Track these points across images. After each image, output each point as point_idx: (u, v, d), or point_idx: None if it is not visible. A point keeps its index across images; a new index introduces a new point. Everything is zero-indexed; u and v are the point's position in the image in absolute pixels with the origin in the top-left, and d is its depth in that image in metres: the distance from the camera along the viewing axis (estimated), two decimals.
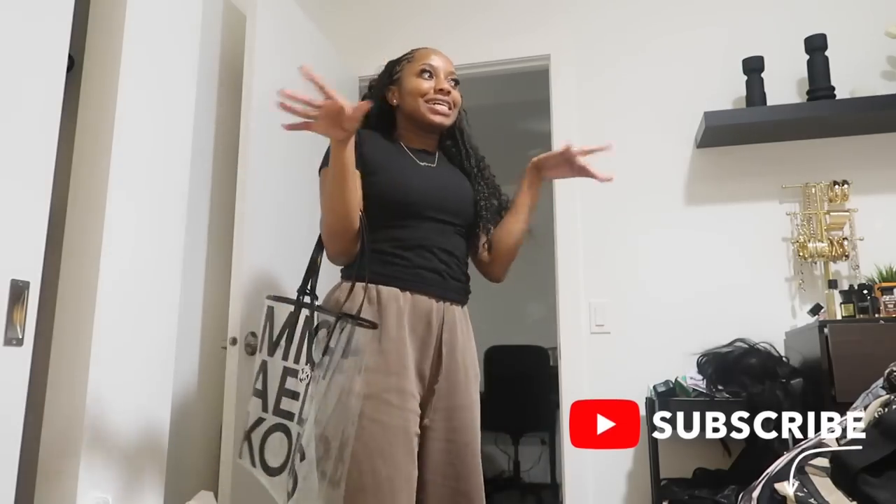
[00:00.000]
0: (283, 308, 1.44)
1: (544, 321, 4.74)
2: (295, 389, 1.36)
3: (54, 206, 1.37)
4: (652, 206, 2.48)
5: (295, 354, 1.39)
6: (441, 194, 1.55)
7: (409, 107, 1.59)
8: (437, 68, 1.60)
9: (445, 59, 1.64)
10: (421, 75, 1.59)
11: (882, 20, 2.37)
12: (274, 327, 1.43)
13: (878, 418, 1.04)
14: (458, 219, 1.57)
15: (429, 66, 1.60)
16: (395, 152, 1.58)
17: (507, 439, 4.50)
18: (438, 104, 1.58)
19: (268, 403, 1.39)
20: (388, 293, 1.44)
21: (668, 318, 2.38)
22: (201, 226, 2.02)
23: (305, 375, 1.36)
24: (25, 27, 1.28)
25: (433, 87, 1.58)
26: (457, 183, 1.63)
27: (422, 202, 1.51)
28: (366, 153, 1.50)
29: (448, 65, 1.63)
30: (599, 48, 2.64)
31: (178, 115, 1.75)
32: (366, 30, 2.86)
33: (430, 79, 1.59)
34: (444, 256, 1.51)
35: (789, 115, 2.25)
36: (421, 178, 1.55)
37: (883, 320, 1.92)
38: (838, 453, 1.01)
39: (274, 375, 1.39)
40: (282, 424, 1.36)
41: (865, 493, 0.93)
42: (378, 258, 1.46)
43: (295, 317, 1.41)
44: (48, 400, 1.43)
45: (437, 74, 1.59)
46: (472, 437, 1.50)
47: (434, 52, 1.64)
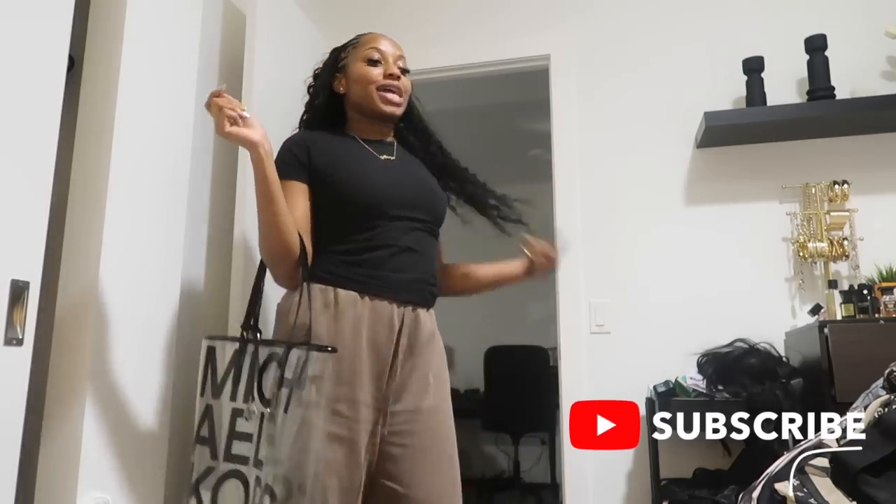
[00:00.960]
0: (227, 346, 1.35)
1: (544, 321, 4.74)
2: (247, 431, 1.26)
3: (54, 206, 1.37)
4: (652, 205, 2.48)
5: (244, 393, 1.29)
6: (406, 192, 1.46)
7: (357, 95, 1.51)
8: (386, 53, 1.52)
9: (394, 44, 1.55)
10: (368, 61, 1.51)
11: (882, 20, 2.37)
12: (217, 368, 1.34)
13: (878, 418, 1.04)
14: (426, 215, 1.48)
15: (376, 50, 1.51)
16: (351, 148, 1.49)
17: (507, 439, 4.51)
18: (389, 92, 1.49)
19: (217, 450, 1.30)
20: (345, 297, 1.36)
21: (668, 318, 2.38)
22: (201, 226, 2.02)
23: (257, 414, 1.25)
24: (25, 27, 1.28)
25: (382, 72, 1.50)
26: (422, 177, 1.55)
27: (386, 201, 1.42)
28: (315, 158, 1.44)
29: (397, 49, 1.54)
30: (599, 48, 2.64)
31: (178, 114, 1.75)
32: (365, 30, 2.85)
33: (377, 65, 1.50)
34: (408, 258, 1.42)
35: (789, 115, 2.25)
36: (383, 174, 1.47)
37: (883, 320, 1.92)
38: (838, 453, 1.01)
39: (221, 419, 1.30)
40: (235, 471, 1.26)
41: (865, 493, 0.93)
42: (337, 259, 1.39)
43: (240, 354, 1.32)
44: (48, 400, 1.43)
45: (386, 60, 1.51)
46: (430, 442, 1.40)
47: (382, 37, 1.55)
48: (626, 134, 2.54)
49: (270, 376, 1.27)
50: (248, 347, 1.32)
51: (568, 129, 2.59)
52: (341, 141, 1.51)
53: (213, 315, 2.04)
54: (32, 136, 1.29)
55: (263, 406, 1.26)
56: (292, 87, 2.21)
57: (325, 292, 1.37)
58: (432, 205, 1.51)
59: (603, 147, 2.55)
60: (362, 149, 1.50)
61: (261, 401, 1.26)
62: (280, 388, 1.23)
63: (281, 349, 1.27)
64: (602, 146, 2.55)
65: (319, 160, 1.44)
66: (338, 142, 1.50)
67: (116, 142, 1.52)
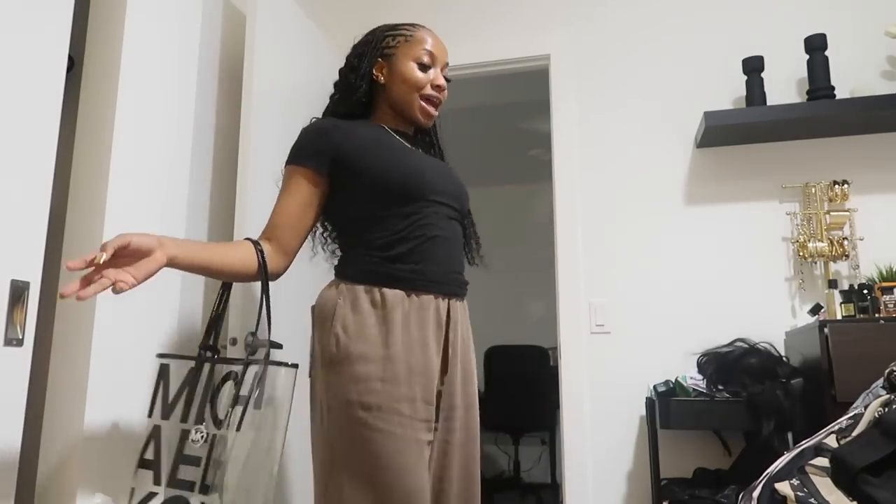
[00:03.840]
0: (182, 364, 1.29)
1: (544, 321, 4.75)
2: (195, 455, 1.20)
3: (54, 206, 1.37)
4: (652, 205, 2.48)
5: (196, 414, 1.22)
6: (439, 178, 1.42)
7: (397, 94, 1.44)
8: (437, 58, 1.45)
9: (443, 46, 1.48)
10: (419, 64, 1.43)
11: (882, 20, 2.37)
12: (169, 386, 1.28)
13: (878, 418, 1.04)
14: (457, 203, 1.45)
15: (429, 53, 1.44)
16: (382, 135, 1.43)
17: (508, 439, 4.51)
18: (430, 104, 1.45)
19: (160, 474, 1.23)
20: (392, 297, 1.31)
21: (669, 317, 2.39)
22: (201, 226, 2.02)
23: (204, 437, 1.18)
24: (25, 27, 1.28)
25: (430, 80, 1.43)
26: (448, 168, 1.51)
27: (427, 184, 1.37)
28: (345, 145, 1.36)
29: (445, 53, 1.47)
30: (599, 48, 2.64)
31: (178, 114, 1.75)
32: (366, 29, 2.86)
33: (427, 69, 1.44)
34: (444, 248, 1.39)
35: (789, 114, 2.25)
36: (419, 160, 1.42)
37: (883, 320, 1.92)
38: (838, 453, 1.01)
39: (169, 441, 1.23)
40: (179, 497, 1.19)
41: (865, 492, 0.93)
42: (378, 256, 1.34)
43: (196, 372, 1.26)
44: (48, 400, 1.43)
45: (436, 66, 1.45)
46: (465, 438, 1.39)
47: (435, 37, 1.48)
48: (625, 134, 2.54)
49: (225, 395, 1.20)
50: (205, 366, 1.25)
51: (568, 129, 2.59)
52: (371, 129, 1.44)
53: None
54: (32, 135, 1.29)
55: (216, 427, 1.18)
56: (292, 86, 2.21)
57: (370, 292, 1.32)
58: (462, 195, 1.48)
59: (603, 147, 2.55)
60: (391, 136, 1.44)
61: (213, 422, 1.19)
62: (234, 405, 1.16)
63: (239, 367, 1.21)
64: (602, 146, 2.55)
65: (351, 147, 1.37)
66: (364, 129, 1.42)
67: (116, 142, 1.52)
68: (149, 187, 1.63)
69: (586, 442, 2.36)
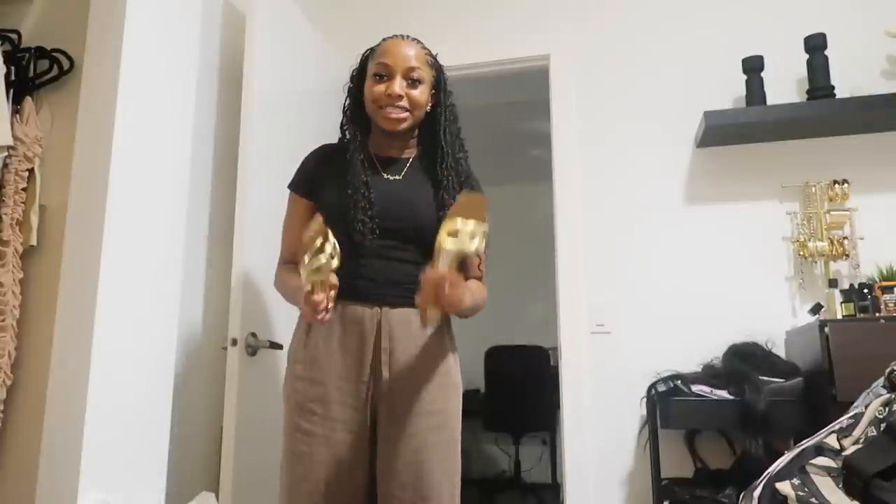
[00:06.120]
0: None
1: (544, 321, 4.74)
2: None
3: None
4: (652, 205, 2.48)
5: None
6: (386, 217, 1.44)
7: (368, 110, 1.51)
8: (392, 66, 1.45)
9: (404, 53, 1.46)
10: (375, 77, 1.47)
11: (882, 20, 2.37)
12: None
13: (888, 423, 1.04)
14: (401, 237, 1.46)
15: (382, 65, 1.46)
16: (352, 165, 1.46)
17: (508, 439, 4.51)
18: (390, 109, 1.45)
19: None
20: None
21: (669, 317, 2.38)
22: (201, 226, 2.02)
23: None
24: None
25: (384, 91, 1.45)
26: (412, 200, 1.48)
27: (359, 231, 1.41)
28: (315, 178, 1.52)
29: (406, 59, 1.46)
30: (599, 48, 2.64)
31: (178, 114, 1.75)
32: (366, 29, 2.84)
33: (382, 80, 1.46)
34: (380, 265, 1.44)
35: (789, 114, 2.25)
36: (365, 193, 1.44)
37: (883, 319, 1.92)
38: (850, 460, 1.01)
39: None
40: None
41: (879, 497, 0.93)
42: None
43: None
44: (49, 399, 1.43)
45: (392, 75, 1.45)
46: (421, 444, 1.39)
47: (393, 45, 1.48)
48: (625, 133, 2.54)
49: None
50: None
51: (568, 129, 2.59)
52: (343, 158, 1.49)
53: (213, 315, 2.04)
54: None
55: None
56: (292, 86, 2.21)
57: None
58: (411, 224, 1.47)
59: (603, 147, 2.55)
60: (356, 168, 1.47)
61: None
62: None
63: None
64: (602, 146, 2.55)
65: (316, 177, 1.52)
66: (339, 158, 1.50)
67: (116, 142, 1.52)
68: (149, 187, 1.63)
69: (587, 442, 2.36)
